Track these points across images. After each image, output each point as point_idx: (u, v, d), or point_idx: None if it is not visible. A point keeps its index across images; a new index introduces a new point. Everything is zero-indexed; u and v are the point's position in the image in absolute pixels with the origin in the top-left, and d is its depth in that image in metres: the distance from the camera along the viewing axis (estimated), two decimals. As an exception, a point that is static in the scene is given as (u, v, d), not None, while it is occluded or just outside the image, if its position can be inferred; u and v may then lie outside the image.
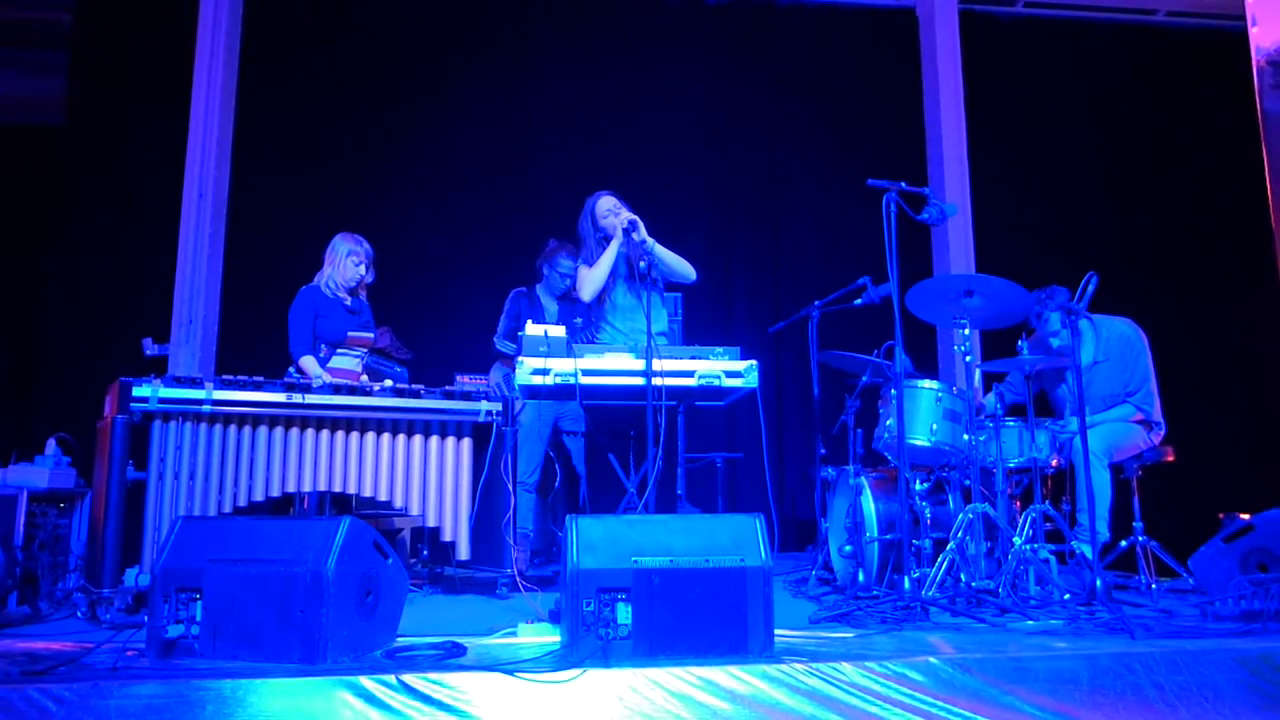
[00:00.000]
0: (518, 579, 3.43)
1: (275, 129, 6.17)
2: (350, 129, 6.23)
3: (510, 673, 2.25)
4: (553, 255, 4.71)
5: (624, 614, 2.39)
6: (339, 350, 4.11)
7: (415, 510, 3.53)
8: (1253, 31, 4.56)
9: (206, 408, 3.23)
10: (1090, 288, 3.34)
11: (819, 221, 6.47)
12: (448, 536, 3.56)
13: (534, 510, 4.24)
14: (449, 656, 2.43)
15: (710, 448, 5.96)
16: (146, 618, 2.46)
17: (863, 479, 3.66)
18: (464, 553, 3.57)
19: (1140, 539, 3.74)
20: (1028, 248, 6.22)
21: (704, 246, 6.39)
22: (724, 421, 6.10)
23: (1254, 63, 4.53)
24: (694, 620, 2.41)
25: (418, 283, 5.96)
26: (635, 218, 3.76)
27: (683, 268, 3.91)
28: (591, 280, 3.87)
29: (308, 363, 3.93)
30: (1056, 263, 4.22)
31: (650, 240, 3.78)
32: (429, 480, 3.56)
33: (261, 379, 3.34)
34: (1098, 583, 3.06)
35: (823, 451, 4.28)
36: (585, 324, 4.16)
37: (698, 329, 5.96)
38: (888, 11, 6.86)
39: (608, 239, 3.88)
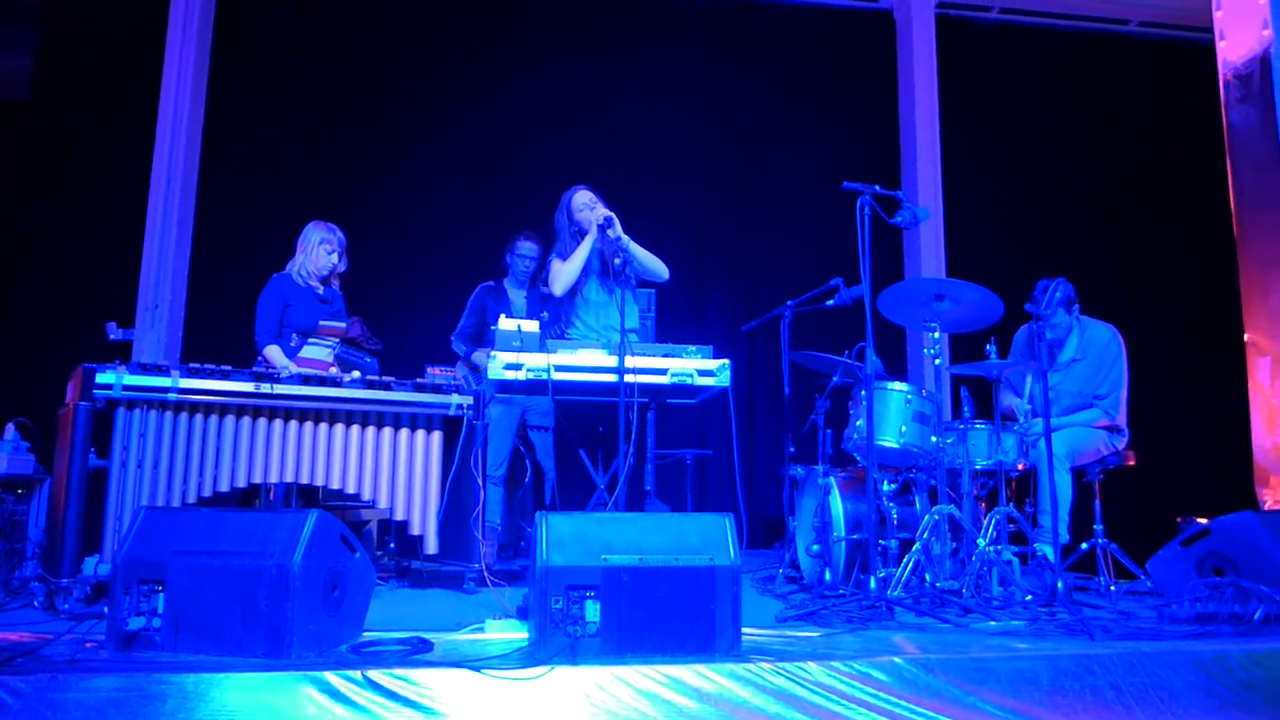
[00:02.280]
0: (485, 574, 3.41)
1: (248, 113, 6.09)
2: (324, 115, 6.17)
3: (477, 669, 2.23)
4: (512, 241, 4.71)
5: (592, 611, 2.39)
6: (310, 340, 4.06)
7: (383, 503, 3.50)
8: (1220, 45, 4.65)
9: (172, 396, 3.18)
10: (1058, 294, 3.39)
11: (794, 221, 6.50)
12: (416, 530, 3.53)
13: (501, 504, 4.23)
14: (415, 652, 2.41)
15: (680, 445, 5.97)
16: (107, 609, 2.42)
17: (831, 479, 3.69)
18: (432, 546, 3.54)
19: (1100, 541, 3.81)
20: (999, 252, 6.30)
21: (679, 244, 6.40)
22: (694, 418, 6.12)
23: (1220, 76, 4.63)
24: (662, 619, 2.41)
25: (390, 273, 5.92)
26: (611, 214, 3.75)
27: (656, 266, 3.91)
28: (565, 275, 3.86)
29: (272, 352, 3.88)
30: (1026, 267, 4.26)
31: (625, 237, 3.78)
32: (398, 473, 3.52)
33: (229, 368, 3.29)
34: (1059, 584, 3.10)
35: (792, 450, 4.31)
36: (553, 319, 4.14)
37: (671, 326, 5.96)
38: (865, 13, 6.90)
39: (582, 233, 3.87)
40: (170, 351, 5.74)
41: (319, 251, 4.05)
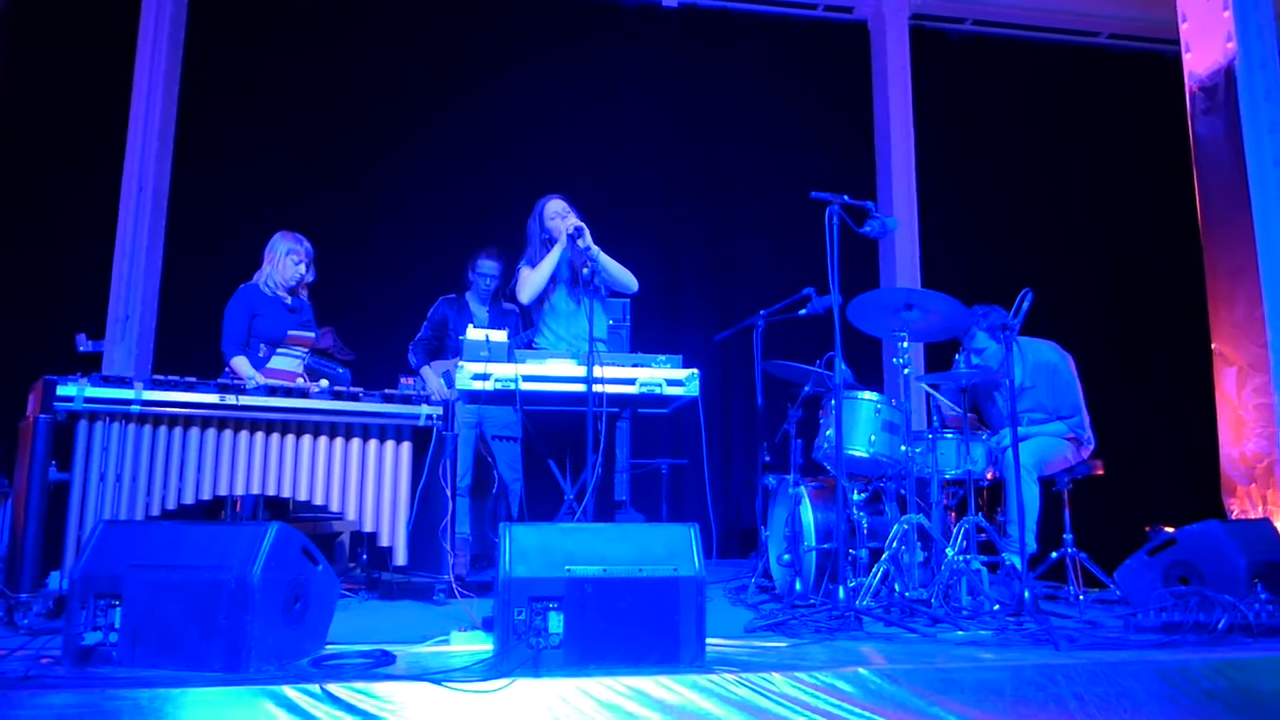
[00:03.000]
0: (454, 585, 3.39)
1: (220, 123, 6.06)
2: (297, 125, 6.14)
3: (438, 682, 2.22)
4: (474, 258, 4.69)
5: (555, 623, 2.37)
6: (279, 350, 4.04)
7: (351, 515, 3.47)
8: (1186, 58, 4.71)
9: (135, 408, 3.15)
10: (1025, 304, 3.41)
11: (769, 231, 6.53)
12: (385, 541, 3.51)
13: (470, 514, 4.21)
14: (377, 665, 2.39)
15: (656, 454, 5.98)
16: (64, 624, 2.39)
17: (802, 488, 3.69)
18: (401, 558, 3.52)
19: (1069, 551, 3.82)
20: (974, 261, 6.34)
21: (654, 253, 6.42)
22: (670, 428, 6.12)
23: (1187, 88, 4.68)
24: (626, 629, 2.40)
25: (362, 284, 5.89)
26: (581, 224, 3.75)
27: (625, 278, 3.90)
28: (531, 283, 3.85)
29: (239, 363, 3.85)
30: (1001, 277, 4.29)
31: (595, 248, 3.77)
32: (366, 484, 3.50)
33: (194, 379, 3.26)
34: (1026, 594, 3.11)
35: (767, 459, 4.31)
36: (515, 331, 4.12)
37: (646, 336, 5.97)
38: (840, 24, 6.95)
39: (553, 241, 3.86)
40: (141, 362, 5.69)
41: (286, 262, 4.03)
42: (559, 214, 3.93)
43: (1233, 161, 4.29)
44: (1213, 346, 4.62)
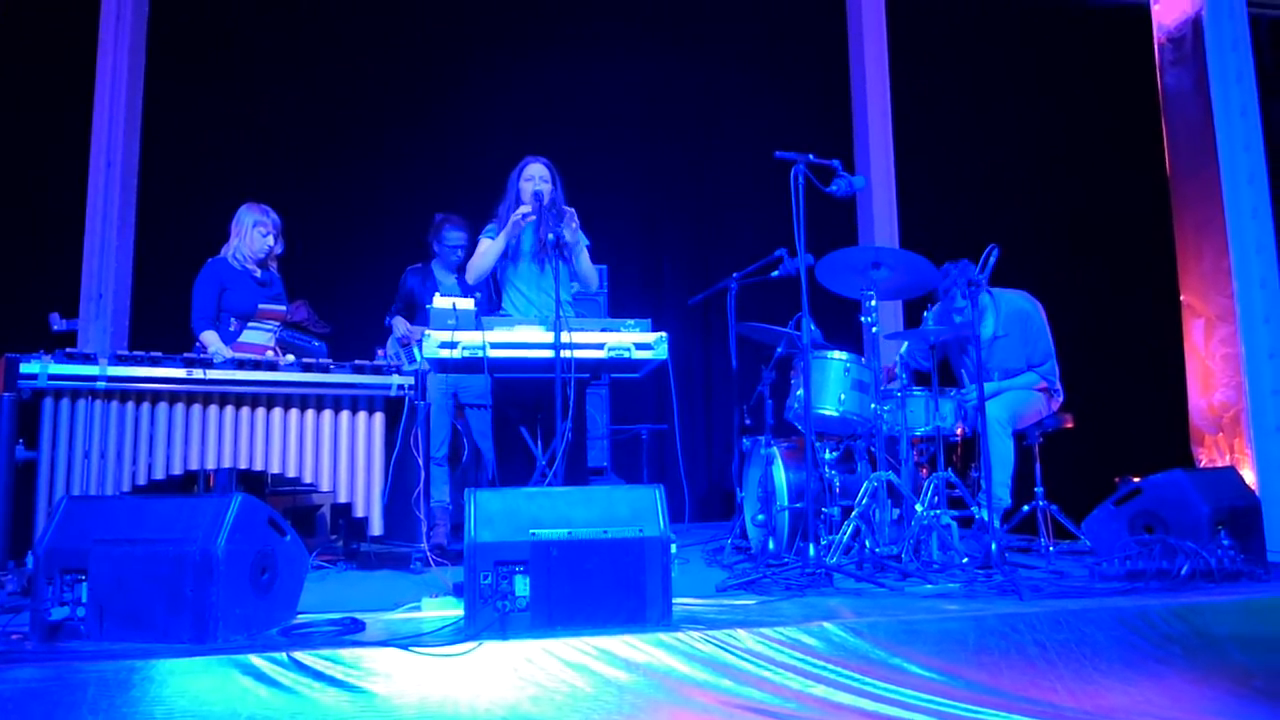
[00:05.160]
0: (428, 553, 3.41)
1: (187, 97, 5.97)
2: (266, 98, 6.06)
3: (405, 647, 2.24)
4: (439, 229, 4.64)
5: (522, 586, 2.40)
6: (250, 324, 4.02)
7: (326, 486, 3.48)
8: (1155, 9, 4.68)
9: (101, 384, 3.14)
10: (992, 260, 3.41)
11: (746, 193, 6.49)
12: (360, 512, 3.52)
13: (448, 483, 4.22)
14: (346, 633, 2.41)
15: (638, 420, 6.00)
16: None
17: (774, 449, 3.71)
18: (376, 528, 3.53)
19: (1041, 504, 3.86)
20: (951, 218, 6.32)
21: (631, 220, 6.41)
22: (652, 394, 6.15)
23: (1155, 39, 4.65)
24: (592, 591, 2.42)
25: (338, 256, 5.86)
26: (540, 191, 3.73)
27: (589, 274, 3.91)
28: (475, 267, 3.86)
29: (209, 338, 3.84)
30: (977, 233, 4.29)
31: (581, 238, 3.77)
32: (339, 455, 3.51)
33: (160, 354, 3.25)
34: (993, 546, 3.15)
35: (748, 422, 4.33)
36: (485, 298, 4.11)
37: (625, 301, 5.97)
38: (815, -19, 6.87)
39: (519, 202, 3.83)
40: (117, 340, 5.65)
41: (253, 234, 4.00)
42: (533, 178, 3.90)
43: (1200, 113, 4.28)
44: (1181, 298, 4.64)
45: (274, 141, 5.99)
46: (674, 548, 2.56)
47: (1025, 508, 3.91)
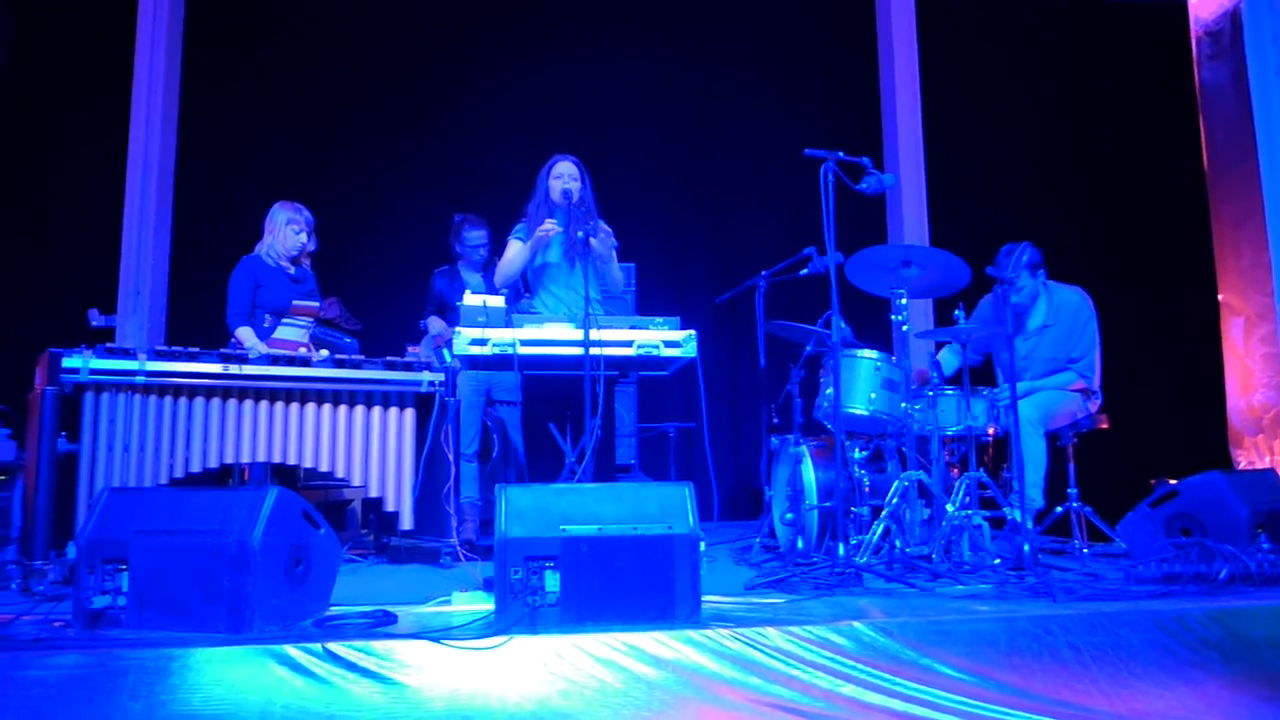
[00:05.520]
0: (458, 548, 3.44)
1: (224, 95, 6.06)
2: (301, 96, 6.13)
3: (436, 640, 2.26)
4: (459, 230, 4.68)
5: (552, 581, 2.41)
6: (284, 320, 4.07)
7: (357, 480, 3.53)
8: (1192, 3, 4.60)
9: (140, 379, 3.19)
10: (1025, 258, 3.38)
11: (775, 191, 6.46)
12: (390, 507, 3.56)
13: (478, 479, 4.25)
14: (378, 625, 2.44)
15: (665, 418, 6.01)
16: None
17: (803, 447, 3.70)
18: (407, 523, 3.56)
19: (1074, 505, 3.82)
20: (983, 216, 6.24)
21: (658, 218, 6.41)
22: (679, 392, 6.15)
23: (1192, 34, 4.58)
24: (621, 587, 2.43)
25: (370, 254, 5.92)
26: (569, 189, 3.76)
27: (617, 280, 3.94)
28: (502, 273, 3.91)
29: (244, 333, 3.89)
30: (1010, 232, 4.25)
31: (610, 245, 3.80)
32: (371, 451, 3.55)
33: (197, 350, 3.30)
34: (1026, 547, 3.12)
35: (776, 421, 4.32)
36: (512, 296, 4.14)
37: (652, 300, 5.97)
38: (844, -21, 6.82)
39: (548, 200, 3.85)
40: (154, 336, 5.74)
41: (286, 232, 4.05)
42: (563, 175, 3.92)
43: (1239, 108, 4.21)
44: (1219, 296, 4.56)
45: (307, 140, 6.06)
46: (702, 545, 2.56)
47: (1059, 509, 3.87)
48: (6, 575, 3.22)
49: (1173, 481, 3.37)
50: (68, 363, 3.10)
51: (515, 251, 3.84)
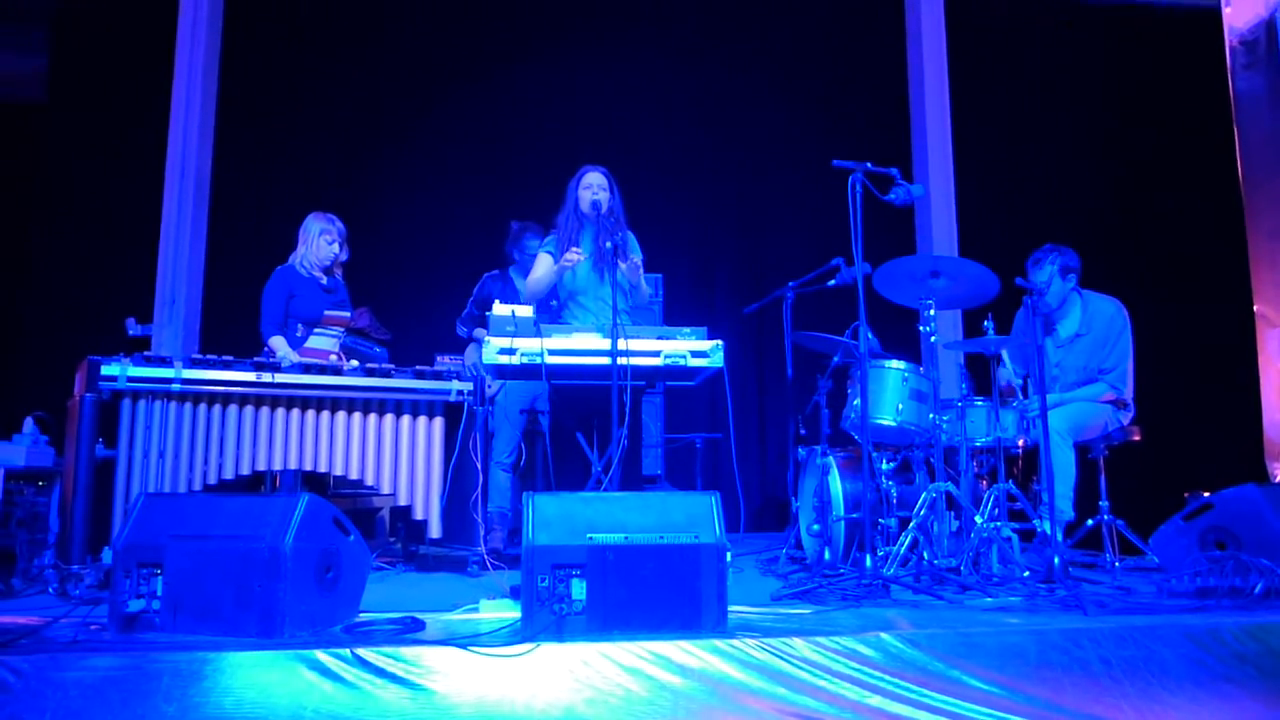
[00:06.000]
0: (485, 557, 3.46)
1: (258, 108, 6.17)
2: (334, 108, 6.23)
3: (464, 647, 2.28)
4: (519, 238, 4.72)
5: (579, 590, 2.42)
6: (316, 330, 4.13)
7: (386, 488, 3.56)
8: (1226, 12, 4.56)
9: (176, 386, 3.26)
10: (1056, 263, 3.35)
11: (803, 203, 6.46)
12: (419, 515, 3.59)
13: (512, 489, 4.28)
14: (407, 631, 2.46)
15: (691, 428, 6.00)
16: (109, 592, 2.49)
17: (830, 458, 3.69)
18: (435, 531, 3.60)
19: (1106, 518, 3.77)
20: (1013, 226, 6.20)
21: (686, 229, 6.42)
22: (705, 403, 6.15)
23: (1227, 43, 4.53)
24: (648, 596, 2.44)
25: (399, 264, 5.98)
26: (599, 200, 3.79)
27: (642, 288, 3.98)
28: (531, 291, 3.97)
29: (277, 343, 3.96)
30: (1040, 242, 4.22)
31: (638, 269, 3.83)
32: (400, 459, 3.58)
33: (231, 358, 3.36)
34: (1056, 560, 3.08)
35: (803, 432, 4.31)
36: (560, 304, 4.16)
37: (679, 310, 5.98)
38: (872, -13, 6.82)
39: (577, 211, 3.89)
40: (189, 345, 5.84)
41: (319, 242, 4.12)
42: (592, 186, 3.96)
43: (1274, 117, 4.16)
44: (1255, 308, 4.49)
45: (340, 151, 6.16)
46: (729, 555, 2.56)
47: (1089, 522, 3.82)
48: (44, 579, 3.28)
49: (1207, 494, 3.32)
50: (106, 370, 3.17)
51: (544, 270, 3.88)
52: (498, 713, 2.20)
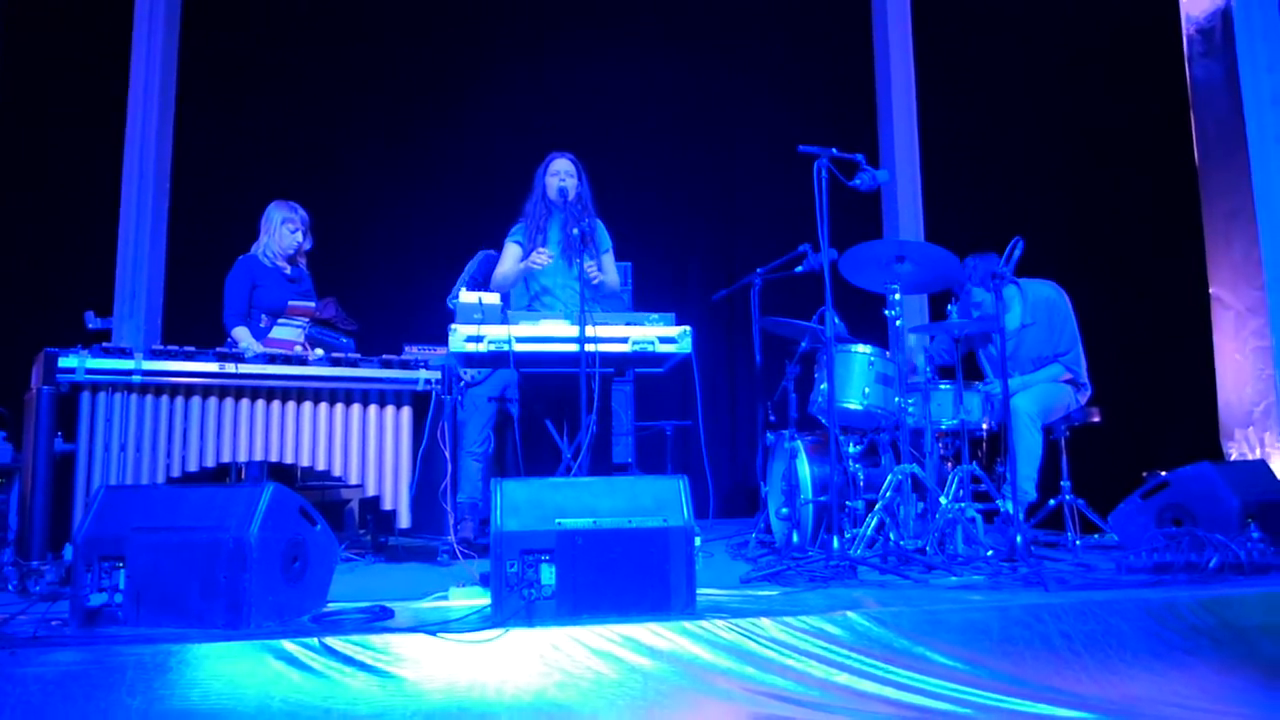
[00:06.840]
0: (456, 546, 3.45)
1: (219, 95, 6.08)
2: (298, 95, 6.15)
3: (433, 633, 2.28)
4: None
5: (547, 574, 2.42)
6: (280, 320, 4.08)
7: (354, 479, 3.53)
8: (1183, 1, 4.63)
9: (136, 378, 3.20)
10: (1017, 252, 3.40)
11: (772, 189, 6.46)
12: (388, 505, 3.56)
13: (483, 479, 4.26)
14: (375, 620, 2.45)
15: (662, 416, 6.02)
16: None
17: (798, 442, 3.72)
18: (404, 521, 3.57)
19: (1067, 498, 3.84)
20: (977, 210, 6.27)
21: (657, 216, 6.42)
22: (676, 391, 6.16)
23: (1184, 31, 4.61)
24: (617, 580, 2.44)
25: (365, 253, 5.94)
26: (565, 187, 3.78)
27: (614, 283, 3.97)
28: (498, 284, 3.96)
29: (240, 333, 3.91)
30: (1004, 227, 4.25)
31: (600, 271, 3.85)
32: (368, 449, 3.55)
33: (193, 349, 3.31)
34: (1018, 539, 3.14)
35: (772, 418, 4.34)
36: (533, 295, 4.15)
37: (650, 299, 5.98)
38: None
39: (545, 199, 3.88)
40: (150, 338, 5.75)
41: (282, 231, 4.07)
42: (559, 173, 3.95)
43: (1230, 104, 4.24)
44: (1210, 290, 4.59)
45: (303, 140, 6.08)
46: (698, 540, 2.58)
47: (1051, 502, 3.89)
48: (3, 576, 3.22)
49: (1164, 473, 3.40)
50: (64, 362, 3.10)
51: (511, 265, 3.86)
52: (468, 698, 2.21)
